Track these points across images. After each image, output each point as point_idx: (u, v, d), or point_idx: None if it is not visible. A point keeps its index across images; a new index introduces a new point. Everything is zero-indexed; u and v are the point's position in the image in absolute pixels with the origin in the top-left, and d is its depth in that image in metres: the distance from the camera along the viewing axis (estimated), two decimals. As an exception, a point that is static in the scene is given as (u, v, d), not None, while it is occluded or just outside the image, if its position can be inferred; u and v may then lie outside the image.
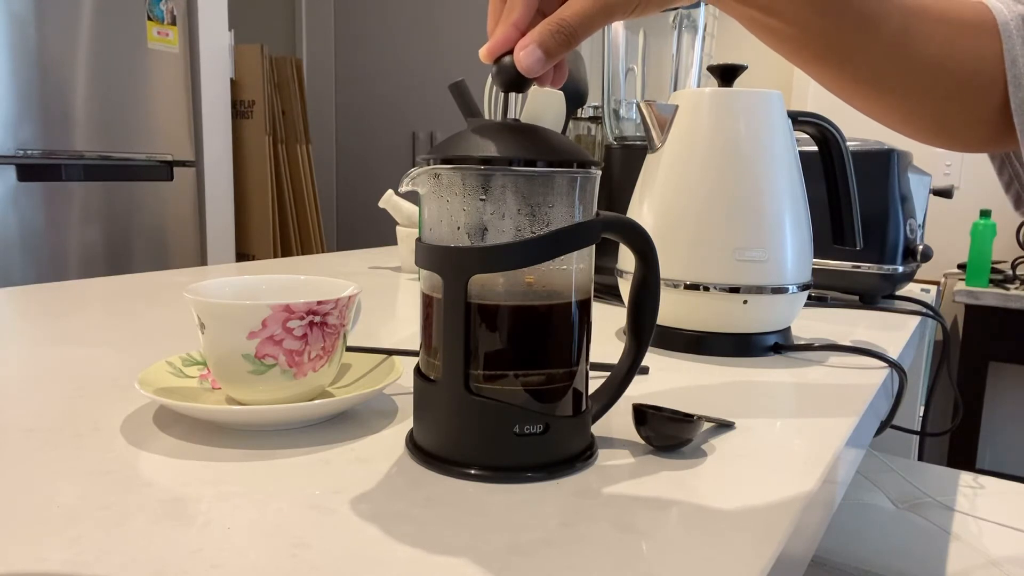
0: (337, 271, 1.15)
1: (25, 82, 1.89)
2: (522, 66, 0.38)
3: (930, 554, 0.94)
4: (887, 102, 0.47)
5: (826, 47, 0.44)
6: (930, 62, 0.44)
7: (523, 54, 0.38)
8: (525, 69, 0.38)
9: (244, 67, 2.72)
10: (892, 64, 0.44)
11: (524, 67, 0.38)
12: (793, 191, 0.68)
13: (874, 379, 0.63)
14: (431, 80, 3.42)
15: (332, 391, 0.52)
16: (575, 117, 1.06)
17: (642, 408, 0.45)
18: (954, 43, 0.44)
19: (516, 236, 0.39)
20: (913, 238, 1.01)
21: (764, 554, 0.33)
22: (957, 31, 0.44)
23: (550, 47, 0.38)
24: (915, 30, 0.44)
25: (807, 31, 0.43)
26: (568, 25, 0.38)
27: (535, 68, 0.38)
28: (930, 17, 0.44)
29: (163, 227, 2.27)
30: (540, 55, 0.38)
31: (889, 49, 0.44)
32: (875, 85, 0.46)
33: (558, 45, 0.38)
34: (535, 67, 0.38)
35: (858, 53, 0.44)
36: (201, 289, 0.50)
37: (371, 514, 0.36)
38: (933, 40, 0.44)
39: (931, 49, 0.44)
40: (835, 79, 0.46)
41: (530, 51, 0.38)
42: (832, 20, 0.43)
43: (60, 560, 0.31)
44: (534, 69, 0.38)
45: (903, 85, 0.45)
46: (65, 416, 0.48)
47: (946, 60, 0.44)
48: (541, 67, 0.38)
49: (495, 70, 0.40)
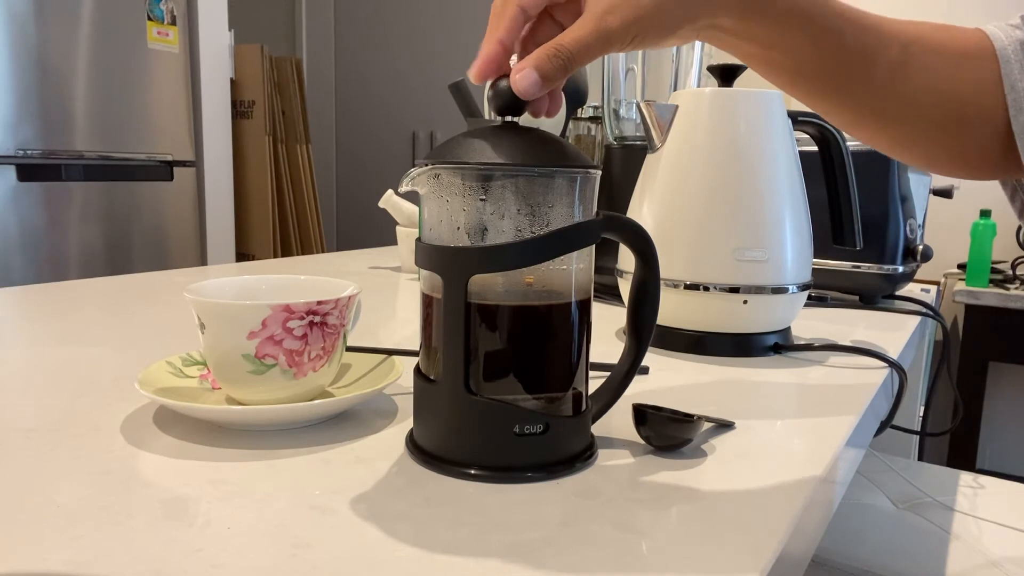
0: (337, 271, 1.15)
1: (25, 82, 1.89)
2: (518, 88, 0.38)
3: (930, 554, 0.94)
4: (890, 133, 0.47)
5: (825, 80, 0.44)
6: (930, 92, 0.44)
7: (519, 77, 0.38)
8: (521, 92, 0.38)
9: (244, 67, 2.72)
10: (892, 95, 0.44)
11: (520, 89, 0.38)
12: (793, 191, 0.68)
13: (874, 379, 0.63)
14: (431, 80, 3.42)
15: (332, 391, 0.52)
16: (575, 117, 1.06)
17: (642, 408, 0.45)
18: (953, 71, 0.44)
19: (516, 236, 0.39)
20: (913, 238, 1.01)
21: (764, 554, 0.33)
22: (956, 59, 0.44)
23: (546, 71, 0.38)
24: (914, 61, 0.44)
25: (806, 65, 0.43)
26: (566, 50, 0.38)
27: (531, 91, 0.38)
28: (928, 47, 0.44)
29: (163, 227, 2.27)
30: (536, 78, 0.38)
31: (888, 81, 0.44)
32: (876, 116, 0.46)
33: (555, 69, 0.38)
34: (531, 90, 0.38)
35: (858, 86, 0.44)
36: (201, 289, 0.50)
37: (371, 514, 0.36)
38: (932, 69, 0.44)
39: (930, 79, 0.44)
40: (836, 111, 0.46)
41: (526, 74, 0.38)
42: (830, 53, 0.43)
43: (60, 560, 0.31)
44: (530, 92, 0.38)
45: (904, 115, 0.45)
46: (65, 416, 0.48)
47: (946, 89, 0.44)
48: (537, 90, 0.38)
49: (491, 94, 0.40)
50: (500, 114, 0.41)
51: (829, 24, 0.42)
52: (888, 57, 0.43)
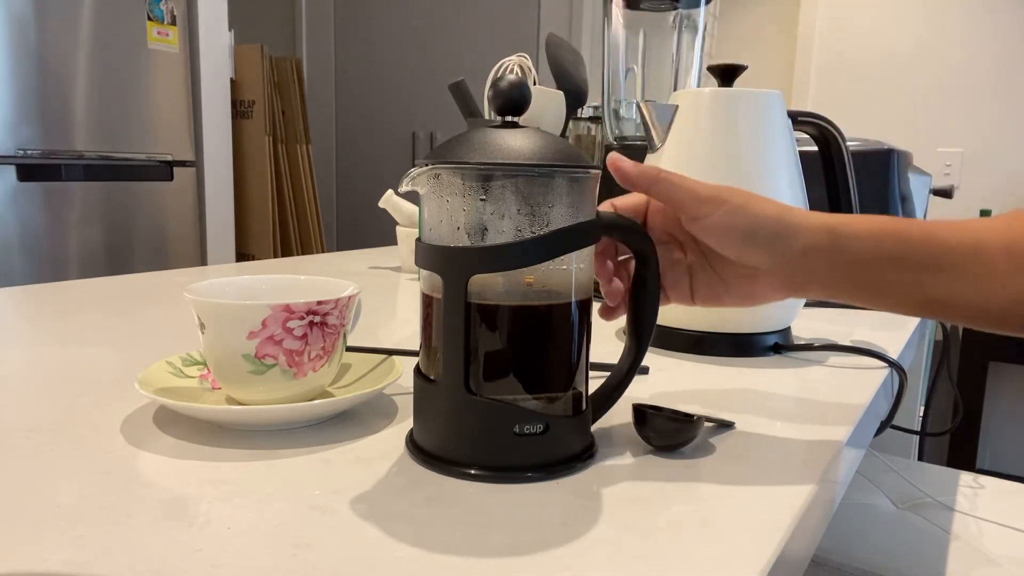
0: (337, 271, 1.15)
1: (25, 82, 1.89)
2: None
3: (930, 554, 0.94)
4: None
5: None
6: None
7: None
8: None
9: (244, 67, 2.72)
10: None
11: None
12: (793, 191, 0.68)
13: (874, 379, 0.63)
14: (431, 80, 3.42)
15: (332, 391, 0.52)
16: (575, 117, 1.06)
17: (642, 408, 0.45)
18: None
19: (516, 236, 0.39)
20: (913, 238, 1.01)
21: (764, 554, 0.33)
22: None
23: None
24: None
25: (915, 299, 0.44)
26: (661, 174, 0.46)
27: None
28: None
29: (163, 227, 2.27)
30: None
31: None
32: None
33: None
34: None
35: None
36: (201, 289, 0.50)
37: (371, 514, 0.36)
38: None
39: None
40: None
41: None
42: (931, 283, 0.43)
43: (61, 560, 0.31)
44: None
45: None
46: (65, 416, 0.48)
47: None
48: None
49: (491, 94, 0.41)
50: (500, 114, 0.41)
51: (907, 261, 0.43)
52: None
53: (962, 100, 2.66)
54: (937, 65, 2.69)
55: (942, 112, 2.69)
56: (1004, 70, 2.60)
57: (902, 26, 2.73)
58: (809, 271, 0.44)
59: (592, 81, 1.03)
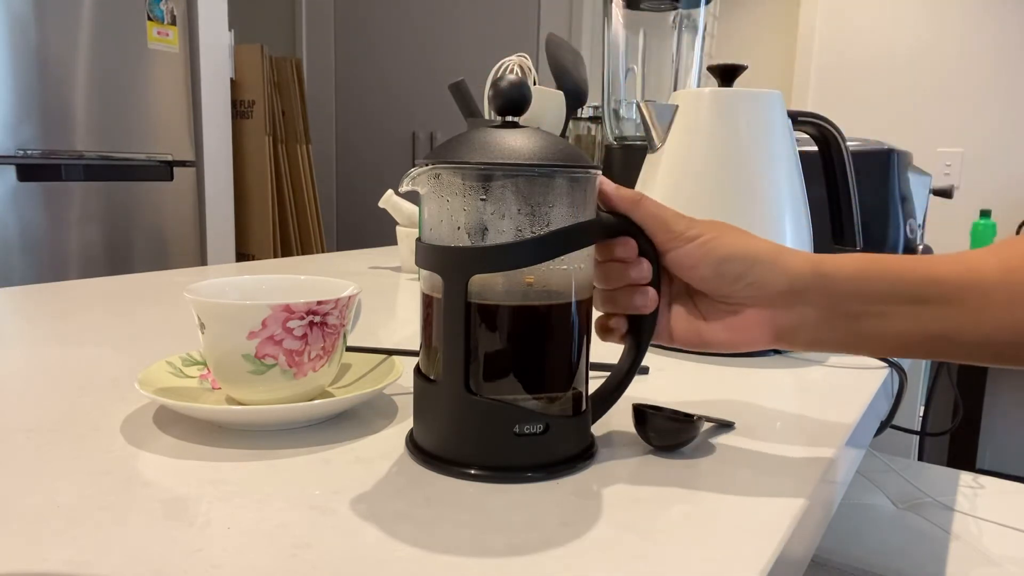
0: (337, 271, 1.15)
1: (25, 82, 1.89)
2: None
3: (930, 554, 0.94)
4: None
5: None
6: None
7: None
8: None
9: (244, 67, 2.72)
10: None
11: None
12: (793, 191, 0.68)
13: (874, 379, 0.63)
14: (431, 80, 3.42)
15: (332, 391, 0.52)
16: (575, 117, 1.07)
17: (642, 408, 0.45)
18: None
19: (516, 236, 0.39)
20: (913, 238, 1.01)
21: (764, 554, 0.33)
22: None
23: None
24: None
25: (915, 335, 0.42)
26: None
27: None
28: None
29: (163, 227, 2.27)
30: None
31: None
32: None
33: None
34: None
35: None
36: (201, 289, 0.50)
37: (371, 514, 0.36)
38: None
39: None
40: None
41: None
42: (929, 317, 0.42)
43: (61, 560, 0.31)
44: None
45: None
46: (65, 416, 0.48)
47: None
48: None
49: (491, 94, 0.41)
50: (500, 114, 0.41)
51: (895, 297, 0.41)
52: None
53: (962, 100, 2.67)
54: (937, 65, 2.69)
55: (942, 112, 2.69)
56: (1004, 70, 2.60)
57: (902, 26, 2.73)
58: (796, 313, 0.43)
59: (592, 81, 1.03)
